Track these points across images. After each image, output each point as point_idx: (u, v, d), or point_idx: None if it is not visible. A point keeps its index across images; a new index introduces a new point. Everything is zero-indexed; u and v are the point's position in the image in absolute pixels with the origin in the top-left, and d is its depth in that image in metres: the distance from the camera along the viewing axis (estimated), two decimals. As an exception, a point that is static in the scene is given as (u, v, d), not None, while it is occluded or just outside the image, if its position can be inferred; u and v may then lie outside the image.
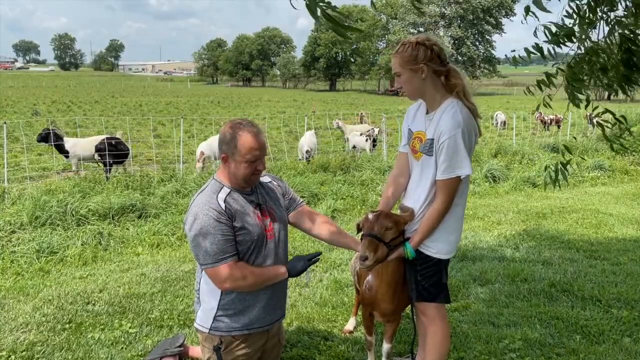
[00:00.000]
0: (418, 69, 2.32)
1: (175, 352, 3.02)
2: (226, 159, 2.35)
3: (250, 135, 2.29)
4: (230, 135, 2.30)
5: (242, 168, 2.31)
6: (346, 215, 6.96)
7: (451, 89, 2.37)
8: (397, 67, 2.37)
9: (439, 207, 2.36)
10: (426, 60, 2.31)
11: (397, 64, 2.36)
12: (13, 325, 3.56)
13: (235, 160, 2.31)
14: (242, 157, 2.29)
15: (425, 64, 2.31)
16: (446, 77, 2.38)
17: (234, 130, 2.30)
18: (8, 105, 26.84)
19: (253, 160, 2.30)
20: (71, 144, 9.16)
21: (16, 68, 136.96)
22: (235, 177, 2.36)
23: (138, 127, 17.89)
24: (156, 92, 47.89)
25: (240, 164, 2.31)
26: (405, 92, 2.43)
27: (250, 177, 2.35)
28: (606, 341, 3.37)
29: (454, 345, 3.25)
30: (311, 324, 3.61)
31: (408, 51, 2.32)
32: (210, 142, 9.58)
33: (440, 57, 2.34)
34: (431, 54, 2.31)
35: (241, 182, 2.37)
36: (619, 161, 10.84)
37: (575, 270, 4.66)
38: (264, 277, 2.37)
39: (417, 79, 2.35)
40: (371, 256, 2.33)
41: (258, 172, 2.36)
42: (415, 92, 2.42)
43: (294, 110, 26.97)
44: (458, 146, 2.26)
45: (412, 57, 2.31)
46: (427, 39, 2.34)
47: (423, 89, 2.39)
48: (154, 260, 5.11)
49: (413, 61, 2.31)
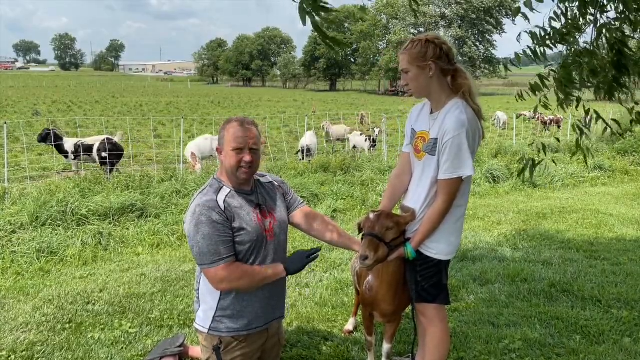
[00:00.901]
0: (426, 66, 2.32)
1: (175, 352, 3.03)
2: (220, 151, 2.41)
3: (237, 124, 2.37)
4: (221, 128, 2.40)
5: (229, 158, 2.35)
6: (346, 215, 6.96)
7: (457, 89, 2.37)
8: (405, 63, 2.37)
9: (439, 208, 2.36)
10: (435, 58, 2.31)
11: (406, 60, 2.36)
12: (13, 325, 3.56)
13: (225, 150, 2.37)
14: (228, 146, 2.34)
15: (433, 62, 2.31)
16: (453, 77, 2.38)
17: (224, 124, 2.40)
18: (9, 105, 26.86)
19: (238, 147, 2.33)
20: (70, 145, 9.20)
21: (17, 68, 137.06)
22: (227, 171, 2.40)
23: (138, 127, 17.90)
24: (156, 92, 47.92)
25: (228, 152, 2.35)
26: (412, 89, 2.41)
27: (237, 168, 2.34)
28: (606, 341, 3.37)
29: (454, 345, 3.25)
30: (311, 324, 3.61)
31: (417, 48, 2.32)
32: (198, 142, 9.70)
33: (449, 56, 2.35)
34: (440, 52, 2.32)
35: (231, 174, 2.38)
36: (619, 161, 10.84)
37: (576, 270, 4.66)
38: (261, 276, 2.37)
39: (425, 77, 2.35)
40: (371, 256, 2.33)
41: (245, 163, 2.34)
42: (421, 90, 2.41)
43: (294, 111, 26.98)
44: (462, 146, 2.26)
45: (421, 54, 2.32)
46: (436, 37, 2.35)
47: (429, 88, 2.38)
48: (154, 260, 5.11)
49: (422, 58, 2.32)
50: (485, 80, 62.76)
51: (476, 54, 57.33)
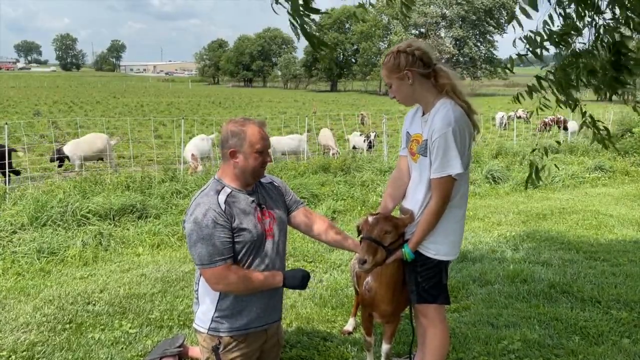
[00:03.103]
0: (403, 76, 2.38)
1: (175, 352, 3.04)
2: (234, 153, 2.37)
3: (257, 127, 2.39)
4: (239, 130, 2.36)
5: (252, 159, 2.36)
6: (346, 216, 6.96)
7: (441, 88, 2.40)
8: (385, 78, 2.45)
9: (433, 207, 2.38)
10: (408, 66, 2.36)
11: (385, 75, 2.45)
12: (14, 325, 3.57)
13: (245, 152, 2.35)
14: (252, 148, 2.35)
15: (409, 70, 2.36)
16: (434, 78, 2.41)
17: (241, 125, 2.38)
18: (10, 105, 26.90)
19: (262, 150, 2.37)
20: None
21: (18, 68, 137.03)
22: (243, 172, 2.39)
23: (139, 128, 17.92)
24: (157, 92, 47.95)
25: (251, 155, 2.36)
26: (399, 99, 2.48)
27: (259, 169, 2.41)
28: (605, 342, 3.37)
29: (453, 346, 3.26)
30: (310, 324, 3.61)
31: (391, 61, 2.40)
32: (196, 143, 9.72)
33: (423, 60, 2.38)
34: (413, 59, 2.36)
35: (249, 176, 2.41)
36: (619, 162, 10.83)
37: (575, 271, 4.66)
38: (258, 282, 2.37)
39: (405, 86, 2.41)
40: (370, 259, 2.35)
41: (265, 164, 2.42)
42: (407, 98, 2.47)
43: (295, 111, 26.99)
44: (448, 144, 2.28)
45: (395, 66, 2.38)
46: (408, 46, 2.40)
47: (413, 94, 2.44)
48: (155, 260, 5.12)
49: (397, 69, 2.38)
50: (486, 81, 62.73)
51: (477, 55, 57.32)
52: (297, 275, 2.45)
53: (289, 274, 2.46)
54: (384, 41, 61.97)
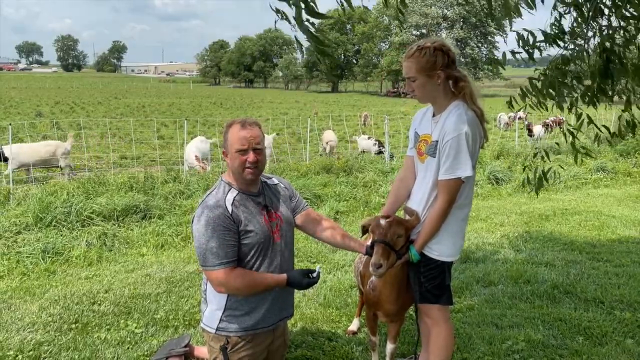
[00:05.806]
0: (434, 75, 2.32)
1: (180, 352, 3.05)
2: (225, 154, 2.43)
3: (239, 126, 2.37)
4: (225, 130, 2.41)
5: (233, 159, 2.36)
6: (349, 216, 6.97)
7: (459, 91, 2.38)
8: (411, 71, 2.34)
9: (439, 208, 2.38)
10: (444, 66, 2.31)
11: (413, 68, 2.33)
12: (20, 325, 3.59)
13: (230, 153, 2.38)
14: (232, 148, 2.36)
15: (442, 70, 2.31)
16: (455, 81, 2.38)
17: (228, 126, 2.41)
18: (12, 106, 26.94)
19: (242, 148, 2.33)
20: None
21: (19, 69, 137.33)
22: (233, 173, 2.42)
23: (141, 129, 17.93)
24: (159, 93, 48.01)
25: (232, 155, 2.36)
26: (417, 96, 2.41)
27: (243, 169, 2.35)
28: (609, 343, 3.38)
29: (458, 346, 3.27)
30: (315, 324, 3.63)
31: (426, 57, 2.30)
32: (197, 145, 9.75)
33: (455, 62, 2.36)
34: (448, 60, 2.32)
35: (238, 176, 2.40)
36: (621, 163, 10.83)
37: (578, 272, 4.67)
38: (263, 284, 2.36)
39: (432, 85, 2.35)
40: (385, 263, 2.33)
41: (250, 164, 2.34)
42: (427, 97, 2.42)
43: (296, 112, 27.01)
44: (461, 147, 2.28)
45: (430, 63, 2.30)
46: (443, 45, 2.33)
47: (435, 94, 2.39)
48: (159, 261, 5.14)
49: (431, 67, 2.31)
50: (487, 82, 62.70)
51: (478, 55, 57.30)
52: (302, 282, 2.42)
53: (293, 273, 2.45)
54: (384, 42, 61.98)
